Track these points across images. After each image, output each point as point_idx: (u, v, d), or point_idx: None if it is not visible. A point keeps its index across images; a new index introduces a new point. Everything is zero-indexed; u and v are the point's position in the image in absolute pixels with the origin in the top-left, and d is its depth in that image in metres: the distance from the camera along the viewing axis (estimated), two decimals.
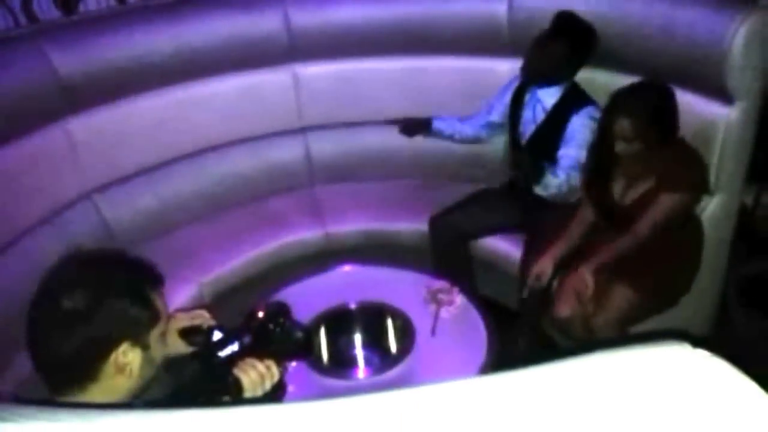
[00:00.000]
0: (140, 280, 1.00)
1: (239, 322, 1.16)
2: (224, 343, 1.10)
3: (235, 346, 1.10)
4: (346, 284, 2.06)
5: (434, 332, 1.82)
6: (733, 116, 1.86)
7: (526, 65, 2.14)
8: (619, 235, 1.81)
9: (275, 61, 2.54)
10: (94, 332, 0.92)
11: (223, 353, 1.09)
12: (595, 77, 2.14)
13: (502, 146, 2.50)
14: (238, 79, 2.50)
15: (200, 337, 1.14)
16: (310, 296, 1.96)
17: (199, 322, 1.18)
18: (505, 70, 2.40)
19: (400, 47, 2.53)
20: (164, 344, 1.05)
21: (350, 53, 2.57)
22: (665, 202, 1.75)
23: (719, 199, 1.93)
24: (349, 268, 2.13)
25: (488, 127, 2.40)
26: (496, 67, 2.45)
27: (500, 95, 2.34)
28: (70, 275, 0.96)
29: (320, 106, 2.64)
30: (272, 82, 2.57)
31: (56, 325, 0.92)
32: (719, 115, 1.87)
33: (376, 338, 1.91)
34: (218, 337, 1.12)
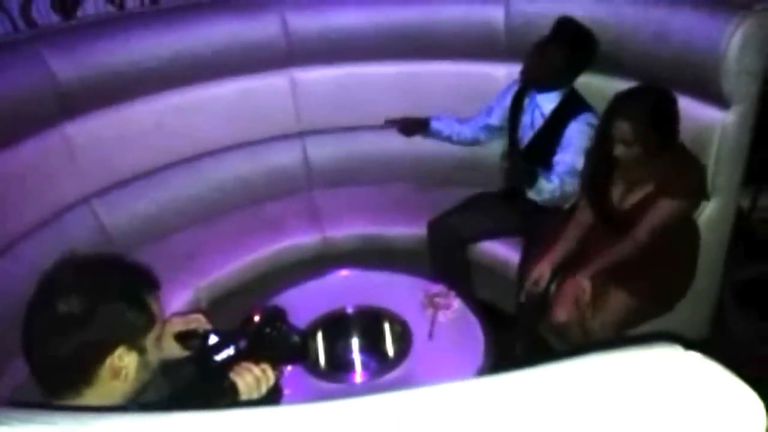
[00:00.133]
0: (136, 284, 1.00)
1: (236, 326, 1.16)
2: (220, 347, 1.11)
3: (230, 350, 1.10)
4: (343, 288, 2.06)
5: (431, 336, 1.82)
6: (729, 120, 1.87)
7: (525, 70, 2.14)
8: (617, 239, 1.82)
9: (273, 65, 2.54)
10: (90, 336, 0.92)
11: (219, 357, 1.10)
12: (591, 82, 2.14)
13: (499, 150, 2.50)
14: (236, 83, 2.50)
15: (196, 341, 1.14)
16: (307, 300, 1.96)
17: (195, 326, 1.18)
18: (502, 75, 2.41)
19: (397, 52, 2.54)
20: (160, 348, 1.05)
21: (348, 58, 2.58)
22: (664, 207, 1.74)
23: (716, 202, 1.94)
24: (346, 272, 2.13)
25: (487, 129, 2.41)
26: (493, 72, 2.46)
27: (500, 99, 2.34)
28: (66, 279, 0.96)
29: (318, 110, 2.64)
30: (270, 86, 2.57)
31: (52, 328, 0.92)
32: (715, 119, 1.88)
33: (373, 342, 1.92)
34: (214, 341, 1.12)
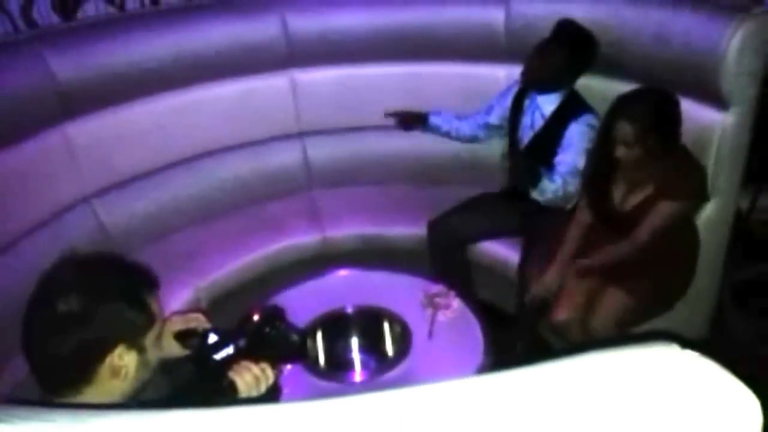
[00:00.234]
0: (136, 283, 1.00)
1: (235, 325, 1.16)
2: (219, 346, 1.11)
3: (230, 349, 1.10)
4: (343, 288, 2.06)
5: (431, 336, 1.82)
6: (728, 122, 1.87)
7: (526, 71, 2.14)
8: (616, 240, 1.82)
9: (273, 66, 2.55)
10: (89, 335, 0.92)
11: (218, 356, 1.10)
12: (591, 84, 2.14)
13: (500, 151, 2.50)
14: (236, 84, 2.50)
15: (195, 340, 1.14)
16: (307, 300, 1.96)
17: (194, 325, 1.18)
18: (502, 76, 2.41)
19: (397, 53, 2.54)
20: (159, 347, 1.05)
21: (348, 59, 2.58)
22: (664, 209, 1.74)
23: (715, 203, 1.94)
24: (346, 272, 2.13)
25: (486, 128, 2.41)
26: (493, 73, 2.46)
27: (500, 98, 2.34)
28: (66, 278, 0.96)
29: (318, 111, 2.64)
30: (270, 87, 2.58)
31: (52, 327, 0.92)
32: (715, 120, 1.88)
33: (372, 342, 1.92)
34: (213, 339, 1.12)
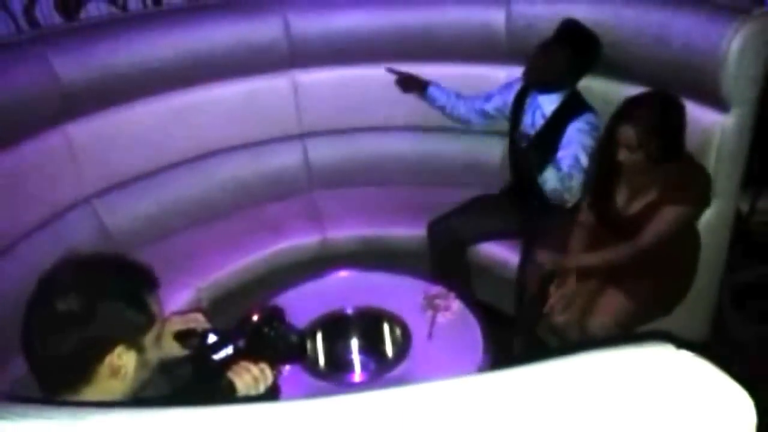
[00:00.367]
0: (136, 283, 1.01)
1: (234, 325, 1.17)
2: (219, 346, 1.11)
3: (229, 349, 1.11)
4: (343, 289, 2.07)
5: (431, 337, 1.82)
6: (728, 123, 1.87)
7: (528, 70, 2.13)
8: (619, 243, 1.81)
9: (275, 67, 2.55)
10: (89, 335, 0.93)
11: (217, 356, 1.10)
12: (591, 85, 2.14)
13: (500, 152, 2.51)
14: (238, 85, 2.51)
15: (195, 340, 1.14)
16: (307, 301, 1.96)
17: (193, 325, 1.18)
18: (502, 77, 2.41)
19: (399, 54, 2.54)
20: (159, 347, 1.06)
21: (349, 60, 2.58)
22: (668, 215, 1.73)
23: (715, 205, 1.93)
24: (346, 273, 2.14)
25: (481, 114, 2.39)
26: (494, 74, 2.45)
27: (502, 89, 2.33)
28: (66, 278, 0.96)
29: (319, 112, 2.65)
30: (272, 88, 2.58)
31: (51, 327, 0.92)
32: (715, 122, 1.88)
33: (372, 343, 1.92)
34: (213, 340, 1.12)
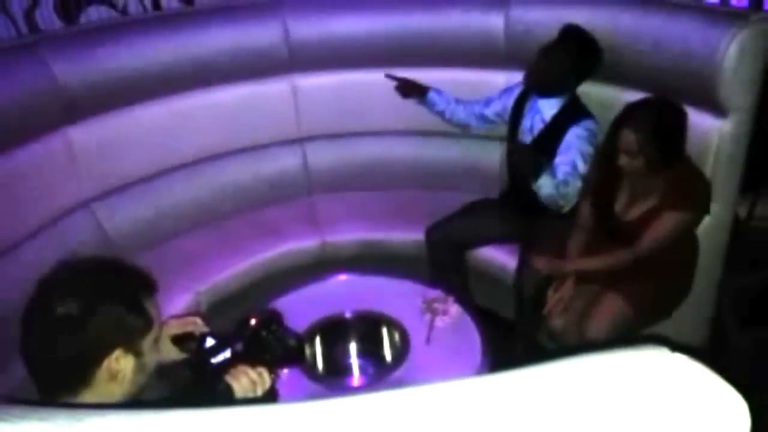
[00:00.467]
0: (134, 287, 1.01)
1: (232, 329, 1.17)
2: (216, 349, 1.11)
3: (227, 353, 1.11)
4: (342, 293, 2.07)
5: (429, 341, 1.82)
6: (726, 129, 1.87)
7: (529, 73, 2.13)
8: (618, 248, 1.81)
9: (274, 71, 2.56)
10: (87, 338, 0.93)
11: (215, 360, 1.10)
12: (589, 90, 2.14)
13: (498, 157, 2.51)
14: (237, 89, 2.51)
15: (193, 343, 1.15)
16: (306, 305, 1.96)
17: (191, 329, 1.19)
18: (501, 82, 2.42)
19: (398, 59, 2.55)
20: (157, 351, 1.05)
21: (349, 65, 2.59)
22: (667, 221, 1.73)
23: (713, 210, 1.93)
24: (345, 277, 2.14)
25: (481, 119, 2.40)
26: (492, 79, 2.46)
27: (503, 94, 2.33)
28: (64, 281, 0.97)
29: (319, 116, 2.66)
30: (271, 92, 2.59)
31: (50, 330, 0.92)
32: (713, 127, 1.89)
33: (371, 347, 1.92)
34: (210, 344, 1.12)
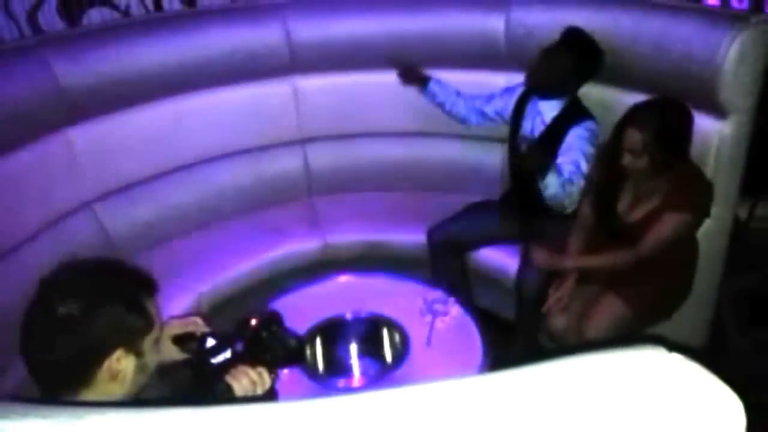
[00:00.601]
0: (135, 287, 1.01)
1: (233, 329, 1.17)
2: (217, 350, 1.12)
3: (227, 353, 1.11)
4: (343, 294, 2.07)
5: (429, 342, 1.82)
6: (726, 130, 1.88)
7: (530, 74, 2.13)
8: (620, 248, 1.81)
9: (276, 73, 2.56)
10: (88, 339, 0.93)
11: (215, 360, 1.11)
12: (589, 92, 2.15)
13: (500, 158, 2.51)
14: (238, 91, 2.52)
15: (193, 344, 1.15)
16: (307, 306, 1.97)
17: (192, 329, 1.19)
18: (502, 83, 2.42)
19: (399, 61, 2.56)
20: (157, 351, 1.06)
21: (350, 67, 2.59)
22: (669, 222, 1.73)
23: (714, 212, 1.93)
24: (346, 278, 2.14)
25: (480, 115, 2.39)
26: (493, 81, 2.46)
27: (504, 92, 2.33)
28: (65, 282, 0.97)
29: (320, 118, 2.66)
30: (272, 94, 2.59)
31: (51, 331, 0.93)
32: (713, 129, 1.89)
33: (371, 348, 1.92)
34: (211, 344, 1.13)
